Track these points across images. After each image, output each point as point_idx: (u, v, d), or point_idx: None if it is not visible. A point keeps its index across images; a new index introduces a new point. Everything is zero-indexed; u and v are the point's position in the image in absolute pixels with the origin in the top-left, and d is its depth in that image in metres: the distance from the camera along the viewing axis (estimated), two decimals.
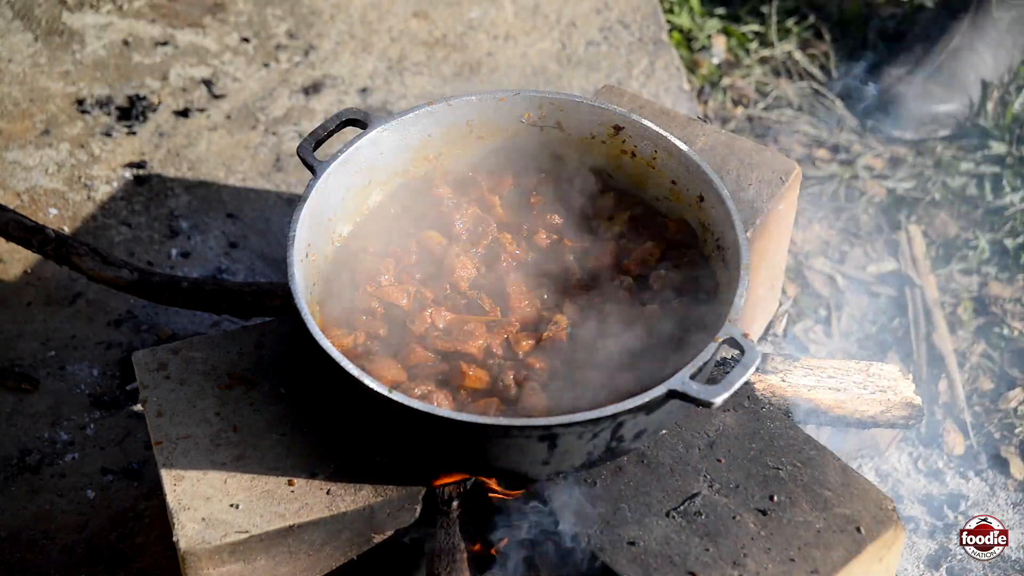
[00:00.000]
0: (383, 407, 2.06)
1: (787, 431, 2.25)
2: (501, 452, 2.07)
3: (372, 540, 2.19)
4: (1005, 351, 3.14)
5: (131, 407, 2.89)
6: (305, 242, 2.26)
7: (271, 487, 2.15)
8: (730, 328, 2.09)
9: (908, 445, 2.96)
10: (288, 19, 3.74)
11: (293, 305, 2.14)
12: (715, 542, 2.09)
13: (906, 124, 3.53)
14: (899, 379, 2.46)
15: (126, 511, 2.71)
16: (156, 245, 3.20)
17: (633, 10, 3.80)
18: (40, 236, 2.71)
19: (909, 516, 2.83)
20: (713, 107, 3.68)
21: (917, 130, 3.54)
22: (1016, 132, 3.54)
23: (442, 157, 2.50)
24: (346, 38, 3.69)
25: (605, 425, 2.04)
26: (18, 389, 2.91)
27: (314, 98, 3.54)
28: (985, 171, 3.50)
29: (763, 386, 2.37)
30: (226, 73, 3.58)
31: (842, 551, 2.10)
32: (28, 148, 3.38)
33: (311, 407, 2.26)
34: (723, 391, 2.01)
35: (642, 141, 2.43)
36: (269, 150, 3.42)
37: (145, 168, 3.35)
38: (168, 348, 2.36)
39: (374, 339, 2.25)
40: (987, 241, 3.35)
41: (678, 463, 2.20)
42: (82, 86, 3.52)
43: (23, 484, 2.76)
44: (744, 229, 2.25)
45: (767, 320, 2.89)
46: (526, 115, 2.48)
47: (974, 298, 3.25)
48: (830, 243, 3.39)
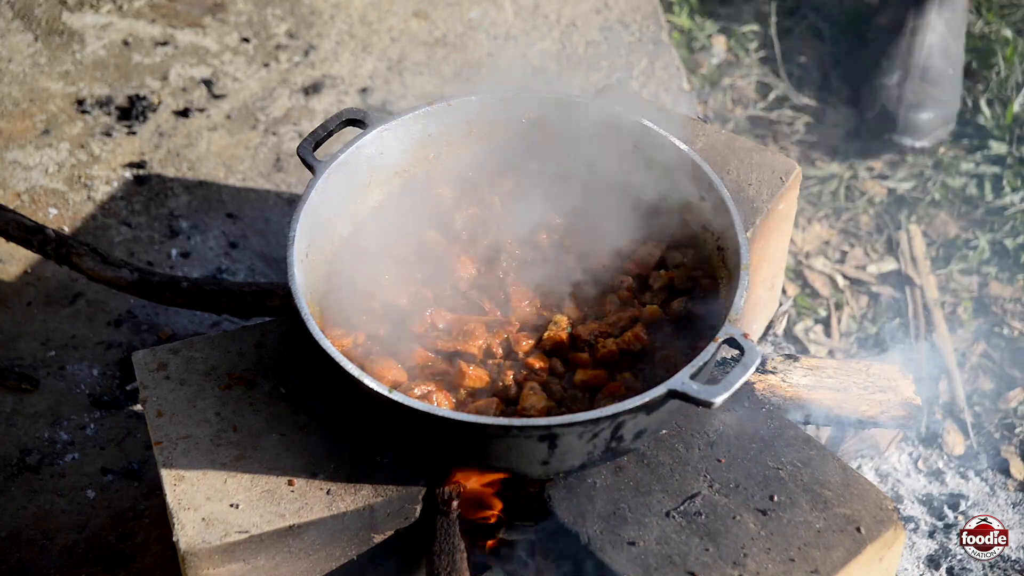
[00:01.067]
0: (383, 407, 2.06)
1: (787, 431, 2.25)
2: (501, 452, 2.07)
3: (372, 540, 2.19)
4: (1005, 351, 3.14)
5: (131, 407, 2.89)
6: (305, 242, 2.26)
7: (271, 487, 2.15)
8: (730, 328, 2.09)
9: (908, 445, 2.96)
10: (288, 19, 3.74)
11: (293, 305, 2.14)
12: (715, 542, 2.09)
13: (916, 134, 3.49)
14: (899, 379, 2.46)
15: (126, 511, 2.71)
16: (156, 245, 3.20)
17: (633, 10, 3.80)
18: (40, 236, 2.71)
19: (909, 516, 2.83)
20: (713, 107, 3.68)
21: (929, 136, 3.50)
22: (1016, 132, 3.54)
23: (442, 157, 2.50)
24: (346, 38, 3.69)
25: (605, 425, 2.04)
26: (18, 389, 2.91)
27: (314, 98, 3.54)
28: (985, 171, 3.50)
29: (763, 386, 2.37)
30: (226, 73, 3.58)
31: (842, 551, 2.10)
32: (28, 148, 3.38)
33: (311, 407, 2.26)
34: (723, 391, 2.01)
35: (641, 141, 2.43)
36: (269, 150, 3.42)
37: (145, 168, 3.35)
38: (168, 348, 2.35)
39: (374, 339, 2.25)
40: (987, 241, 3.35)
41: (678, 463, 2.20)
42: (82, 86, 3.52)
43: (23, 484, 2.76)
44: (744, 229, 2.25)
45: (767, 320, 2.89)
46: (526, 115, 2.48)
47: (974, 298, 3.25)
48: (830, 243, 3.39)
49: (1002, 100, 3.62)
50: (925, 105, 3.44)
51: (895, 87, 3.46)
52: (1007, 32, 3.78)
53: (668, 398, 2.03)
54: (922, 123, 3.44)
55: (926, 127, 3.45)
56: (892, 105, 3.45)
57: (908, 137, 3.45)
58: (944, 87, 3.48)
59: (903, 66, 3.48)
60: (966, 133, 3.58)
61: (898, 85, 3.47)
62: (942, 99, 3.47)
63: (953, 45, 3.53)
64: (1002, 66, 3.68)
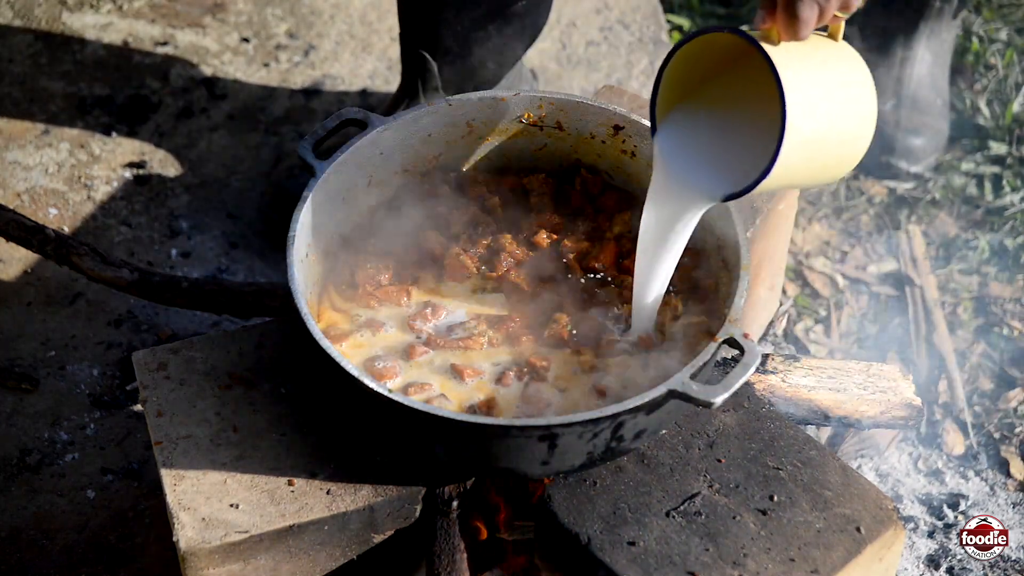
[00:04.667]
0: (383, 407, 2.06)
1: (787, 431, 2.25)
2: (501, 452, 2.07)
3: (372, 540, 2.19)
4: (1005, 351, 3.14)
5: (131, 407, 2.89)
6: (305, 242, 2.26)
7: (271, 487, 2.15)
8: (730, 328, 2.09)
9: (908, 445, 2.96)
10: (288, 19, 3.74)
11: (293, 305, 2.14)
12: (715, 542, 2.09)
13: (911, 158, 3.49)
14: (899, 380, 2.46)
15: (126, 511, 2.71)
16: (156, 245, 3.20)
17: (633, 10, 3.80)
18: (40, 236, 2.71)
19: (909, 516, 2.83)
20: None
21: (922, 162, 3.50)
22: (1016, 132, 3.54)
23: (442, 157, 2.50)
24: (346, 38, 3.69)
25: (605, 425, 2.04)
26: (18, 389, 2.91)
27: (314, 98, 3.54)
28: (985, 171, 3.50)
29: (763, 386, 2.37)
30: (226, 73, 3.58)
31: (842, 551, 2.10)
32: (28, 148, 3.38)
33: (311, 407, 2.26)
34: (723, 391, 2.01)
35: (642, 141, 2.43)
36: (269, 150, 3.42)
37: (145, 168, 3.35)
38: (168, 348, 2.35)
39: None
40: (987, 241, 3.35)
41: (678, 463, 2.20)
42: (82, 86, 3.52)
43: (23, 484, 2.76)
44: (744, 229, 2.25)
45: (767, 320, 2.89)
46: (526, 115, 2.48)
47: (974, 298, 3.25)
48: (830, 243, 3.39)
49: (1002, 100, 3.62)
50: (920, 132, 3.47)
51: (890, 112, 3.48)
52: (1006, 32, 3.78)
53: (668, 398, 2.03)
54: (917, 148, 3.47)
55: (920, 152, 3.47)
56: (890, 128, 3.46)
57: (904, 161, 3.47)
58: (935, 116, 3.50)
59: (895, 95, 3.50)
60: (966, 133, 3.58)
61: (893, 111, 3.48)
62: (933, 127, 3.49)
63: (940, 76, 3.55)
64: (1001, 66, 3.68)
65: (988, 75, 3.69)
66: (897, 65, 3.51)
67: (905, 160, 3.47)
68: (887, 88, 3.51)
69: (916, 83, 3.51)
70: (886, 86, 3.51)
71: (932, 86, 3.53)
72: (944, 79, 3.57)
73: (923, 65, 3.52)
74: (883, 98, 3.50)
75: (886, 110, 3.49)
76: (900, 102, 3.49)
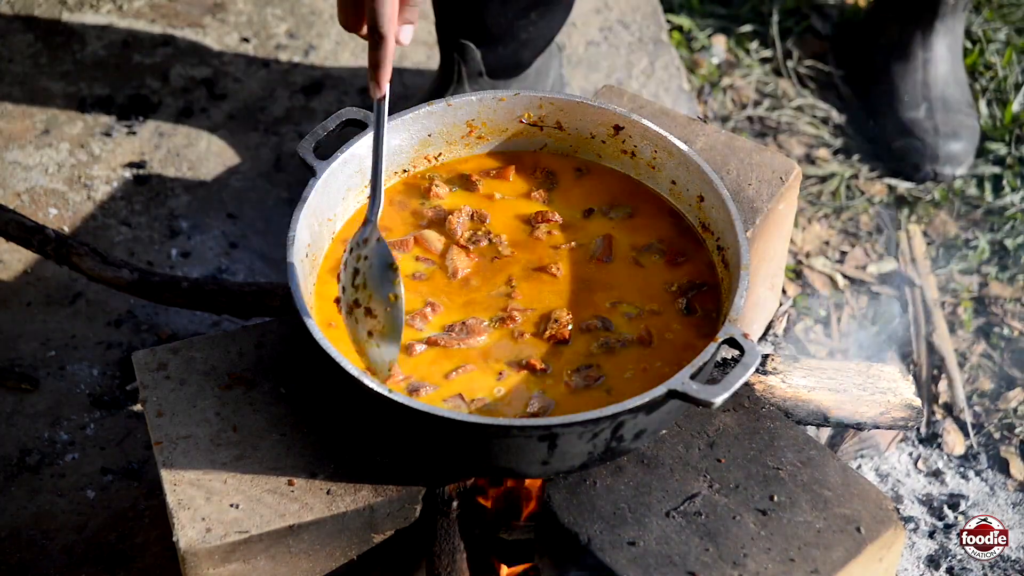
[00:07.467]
0: (383, 407, 2.06)
1: (787, 431, 2.25)
2: (501, 452, 2.07)
3: (372, 540, 2.19)
4: (1005, 351, 3.15)
5: (131, 407, 2.89)
6: (305, 242, 2.26)
7: (271, 487, 2.15)
8: (730, 328, 2.09)
9: (908, 445, 2.96)
10: (288, 19, 3.74)
11: (293, 305, 2.14)
12: (715, 542, 2.09)
13: (954, 162, 3.48)
14: (899, 380, 2.46)
15: (126, 511, 2.72)
16: (156, 245, 3.20)
17: (633, 10, 3.80)
18: (40, 236, 2.71)
19: (909, 516, 2.83)
20: (713, 107, 3.68)
21: (963, 164, 3.49)
22: (1016, 132, 3.54)
23: (442, 157, 2.50)
24: (346, 38, 3.69)
25: (605, 425, 2.04)
26: (18, 389, 2.91)
27: (314, 98, 3.54)
28: (985, 171, 3.50)
29: (763, 386, 2.37)
30: (226, 73, 3.59)
31: (842, 551, 2.10)
32: (28, 148, 3.38)
33: (311, 407, 2.26)
34: (723, 391, 2.01)
35: (642, 141, 2.43)
36: (269, 150, 3.42)
37: (145, 168, 3.35)
38: (168, 348, 2.35)
39: None
40: (987, 241, 3.35)
41: (678, 463, 2.20)
42: (82, 86, 3.52)
43: (23, 484, 2.76)
44: (744, 229, 2.25)
45: (767, 320, 2.89)
46: (526, 115, 2.48)
47: (974, 298, 3.25)
48: (830, 243, 3.39)
49: (1001, 100, 3.62)
50: (959, 134, 3.46)
51: (925, 118, 3.47)
52: (1006, 32, 3.78)
53: (668, 398, 2.03)
54: (959, 152, 3.46)
55: (963, 155, 3.47)
56: (930, 137, 3.45)
57: (949, 166, 3.46)
58: (966, 114, 3.50)
59: (924, 99, 3.49)
60: None
61: (927, 116, 3.47)
62: (968, 125, 3.49)
63: (960, 71, 3.56)
64: (1001, 66, 3.68)
65: (988, 75, 3.69)
66: (920, 69, 3.51)
67: (950, 165, 3.46)
68: (915, 95, 3.50)
69: (943, 83, 3.51)
70: (914, 93, 3.51)
71: (956, 83, 3.53)
72: (963, 73, 3.57)
73: (945, 64, 3.52)
74: (913, 105, 3.50)
75: (920, 117, 3.48)
76: (932, 105, 3.48)
